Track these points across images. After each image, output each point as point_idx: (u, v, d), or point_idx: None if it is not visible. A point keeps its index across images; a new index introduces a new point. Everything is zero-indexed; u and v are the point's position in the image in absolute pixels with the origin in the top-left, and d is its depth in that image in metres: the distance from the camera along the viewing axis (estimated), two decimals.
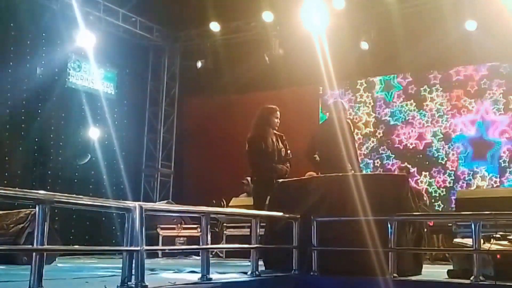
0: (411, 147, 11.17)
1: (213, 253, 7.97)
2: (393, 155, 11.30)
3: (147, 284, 3.12)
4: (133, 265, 3.14)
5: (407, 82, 11.40)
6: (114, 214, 8.73)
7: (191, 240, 8.53)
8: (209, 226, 3.85)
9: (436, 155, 10.92)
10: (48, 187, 9.91)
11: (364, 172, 10.00)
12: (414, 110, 11.24)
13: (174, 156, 13.52)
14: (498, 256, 3.80)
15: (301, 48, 10.76)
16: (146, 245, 3.24)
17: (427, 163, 10.96)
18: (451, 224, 7.09)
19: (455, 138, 10.83)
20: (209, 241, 3.81)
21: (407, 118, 11.31)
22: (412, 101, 11.29)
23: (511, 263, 3.76)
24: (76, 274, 4.43)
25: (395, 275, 4.09)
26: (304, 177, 6.26)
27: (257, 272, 4.19)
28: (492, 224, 4.32)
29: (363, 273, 4.24)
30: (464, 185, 10.61)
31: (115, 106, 11.87)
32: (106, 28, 11.53)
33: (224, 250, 8.18)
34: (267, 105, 6.50)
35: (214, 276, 3.84)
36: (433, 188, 10.85)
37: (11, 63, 9.98)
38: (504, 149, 10.39)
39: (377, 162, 11.40)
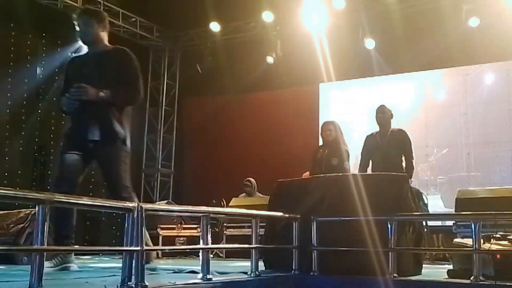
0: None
1: (213, 253, 7.97)
2: None
3: (147, 284, 3.11)
4: (133, 265, 3.13)
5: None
6: (114, 214, 8.73)
7: (191, 240, 8.53)
8: (209, 226, 3.84)
9: None
10: (48, 187, 9.90)
11: None
12: None
13: (174, 156, 13.53)
14: (498, 256, 3.79)
15: (301, 48, 10.76)
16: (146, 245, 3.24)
17: None
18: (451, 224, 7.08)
19: None
20: (209, 241, 3.80)
21: None
22: None
23: (511, 263, 3.76)
24: (76, 274, 4.43)
25: (395, 275, 4.09)
26: (304, 177, 6.27)
27: (257, 272, 4.18)
28: (492, 224, 4.31)
29: (363, 273, 4.24)
30: None
31: None
32: None
33: (224, 250, 8.17)
34: None
35: (214, 276, 3.84)
36: None
37: (11, 63, 9.98)
38: None
39: None
